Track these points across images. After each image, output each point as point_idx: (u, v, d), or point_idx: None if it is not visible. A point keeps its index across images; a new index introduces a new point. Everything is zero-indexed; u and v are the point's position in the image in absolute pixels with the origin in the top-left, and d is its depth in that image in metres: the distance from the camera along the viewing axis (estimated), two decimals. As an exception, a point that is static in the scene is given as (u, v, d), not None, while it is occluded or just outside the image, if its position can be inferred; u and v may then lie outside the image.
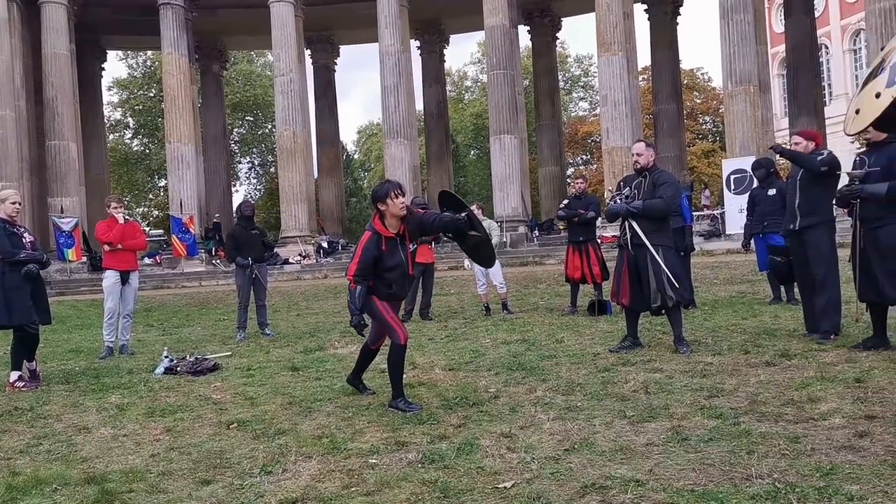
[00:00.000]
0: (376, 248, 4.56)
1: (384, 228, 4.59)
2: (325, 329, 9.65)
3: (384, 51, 22.87)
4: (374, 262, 4.57)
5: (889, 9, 16.89)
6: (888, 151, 4.89)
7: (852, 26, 39.12)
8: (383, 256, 4.58)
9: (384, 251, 4.57)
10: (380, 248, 4.56)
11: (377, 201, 4.61)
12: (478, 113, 49.43)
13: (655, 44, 26.68)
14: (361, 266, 4.55)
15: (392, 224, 4.60)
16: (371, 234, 4.60)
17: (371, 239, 4.58)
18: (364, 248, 4.57)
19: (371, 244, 4.57)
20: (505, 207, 21.40)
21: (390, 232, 4.60)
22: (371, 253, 4.56)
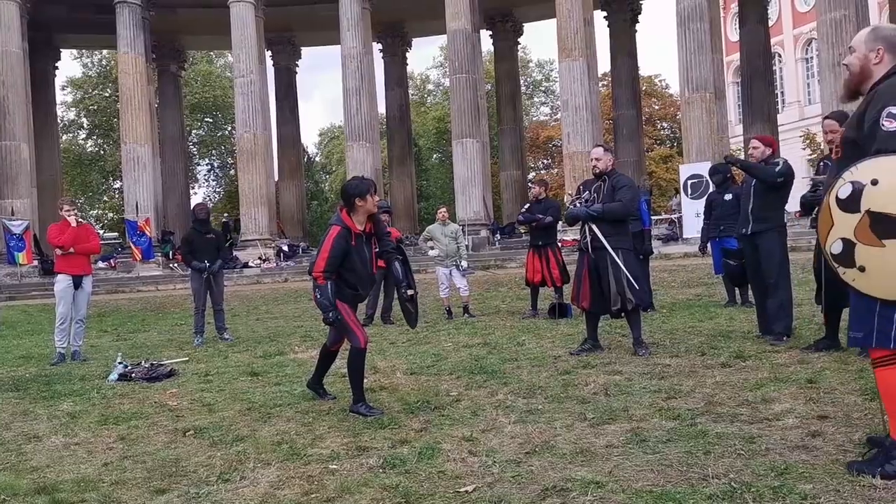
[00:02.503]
0: (346, 243, 4.44)
1: (353, 224, 4.50)
2: (286, 333, 9.54)
3: (346, 53, 22.76)
4: (342, 258, 4.45)
5: (839, 19, 17.40)
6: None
7: (804, 35, 40.20)
8: (351, 251, 4.46)
9: (353, 246, 4.48)
10: (349, 243, 4.46)
11: (355, 196, 4.48)
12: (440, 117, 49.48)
13: (615, 50, 27.06)
14: (331, 260, 4.42)
15: (360, 221, 4.53)
16: (340, 227, 4.47)
17: (340, 233, 4.46)
18: (333, 242, 4.43)
19: (341, 238, 4.45)
20: (467, 211, 21.45)
21: (358, 228, 4.51)
22: (340, 247, 4.43)
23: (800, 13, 39.89)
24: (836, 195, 2.64)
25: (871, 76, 2.78)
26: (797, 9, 39.93)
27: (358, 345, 4.52)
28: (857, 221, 2.59)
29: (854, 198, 2.59)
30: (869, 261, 2.59)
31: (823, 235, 2.70)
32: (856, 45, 2.86)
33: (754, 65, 24.19)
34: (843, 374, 4.41)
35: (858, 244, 2.60)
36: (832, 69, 17.52)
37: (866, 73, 2.80)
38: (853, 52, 2.85)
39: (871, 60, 2.77)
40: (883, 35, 2.79)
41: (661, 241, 18.59)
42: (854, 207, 2.59)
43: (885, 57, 2.75)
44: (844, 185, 2.62)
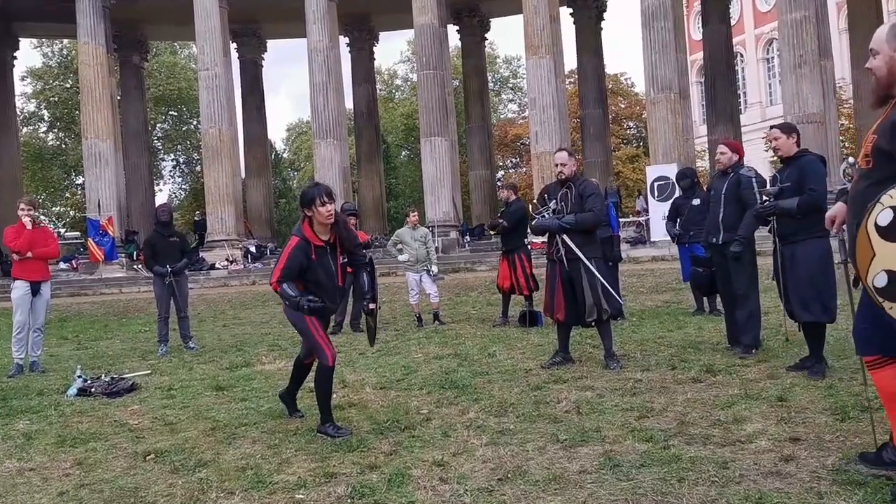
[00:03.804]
0: (304, 257, 4.26)
1: (314, 236, 4.30)
2: (253, 342, 9.36)
3: (313, 47, 22.46)
4: (299, 271, 4.28)
5: (800, 20, 17.64)
6: (799, 165, 5.02)
7: (766, 35, 40.84)
8: (312, 266, 4.28)
9: (314, 260, 4.28)
10: (309, 257, 4.26)
11: (303, 207, 4.32)
12: (408, 113, 49.21)
13: (581, 48, 27.14)
14: (286, 272, 4.26)
15: (322, 231, 4.32)
16: (299, 240, 4.29)
17: (298, 245, 4.27)
18: (290, 254, 4.26)
19: (298, 251, 4.26)
20: (436, 212, 21.35)
21: (320, 240, 4.31)
22: (297, 260, 4.25)
23: (761, 13, 40.50)
24: (876, 222, 2.40)
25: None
26: (758, 8, 40.54)
27: (325, 362, 4.39)
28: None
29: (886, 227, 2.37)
30: None
31: (864, 268, 2.46)
32: (877, 45, 2.66)
33: (717, 66, 24.46)
34: (813, 392, 4.43)
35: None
36: (793, 70, 17.78)
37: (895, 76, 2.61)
38: (876, 54, 2.64)
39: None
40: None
41: (629, 244, 18.71)
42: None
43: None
44: (885, 211, 2.38)
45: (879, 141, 2.64)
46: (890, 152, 2.59)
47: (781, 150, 5.11)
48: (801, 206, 4.83)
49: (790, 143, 5.08)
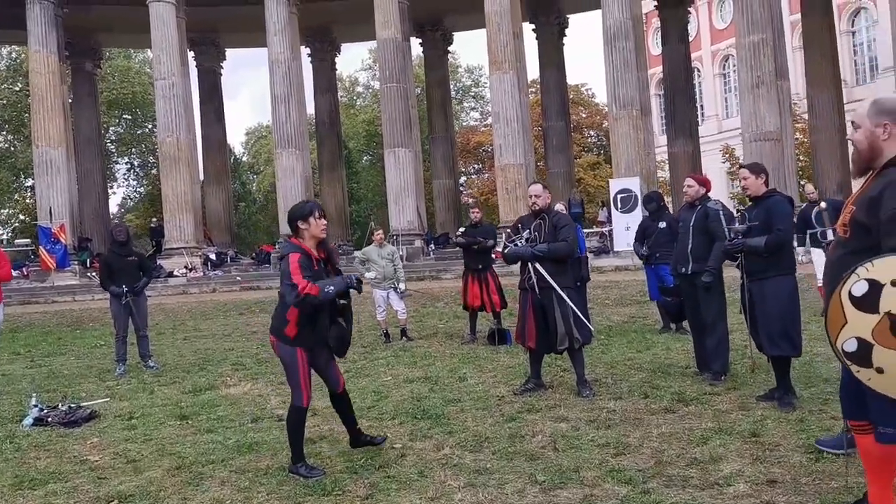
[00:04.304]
0: (308, 268, 4.09)
1: (310, 248, 4.20)
2: (216, 359, 9.16)
3: (274, 59, 22.22)
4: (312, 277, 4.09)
5: (758, 42, 18.08)
6: (767, 205, 5.13)
7: (722, 51, 41.81)
8: (314, 277, 4.11)
9: (315, 271, 4.15)
10: (311, 268, 4.12)
11: (297, 219, 4.22)
12: (370, 119, 49.14)
13: (544, 63, 27.42)
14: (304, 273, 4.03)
15: (312, 246, 4.23)
16: (299, 254, 4.10)
17: (301, 258, 4.07)
18: (298, 265, 4.03)
19: (304, 262, 4.06)
20: (401, 221, 21.29)
21: (316, 254, 4.22)
22: (308, 267, 4.08)
23: (717, 30, 41.46)
24: (850, 291, 2.48)
25: (882, 153, 2.67)
26: (715, 26, 41.48)
27: (299, 403, 4.30)
28: (875, 323, 2.44)
29: (871, 298, 2.44)
30: (888, 363, 2.45)
31: (834, 332, 2.53)
32: (859, 119, 2.73)
33: (676, 82, 24.94)
34: (785, 426, 4.48)
35: (876, 345, 2.45)
36: (751, 90, 18.20)
37: (876, 150, 2.68)
38: (857, 127, 2.72)
39: (880, 136, 2.65)
40: (887, 108, 2.66)
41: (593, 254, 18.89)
42: (872, 308, 2.44)
43: (894, 131, 2.63)
44: (859, 283, 2.45)
45: (857, 213, 2.72)
46: (866, 225, 2.67)
47: (750, 190, 5.23)
48: (768, 244, 4.95)
49: (759, 183, 5.20)
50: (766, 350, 5.06)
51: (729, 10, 40.95)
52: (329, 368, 4.47)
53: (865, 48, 35.27)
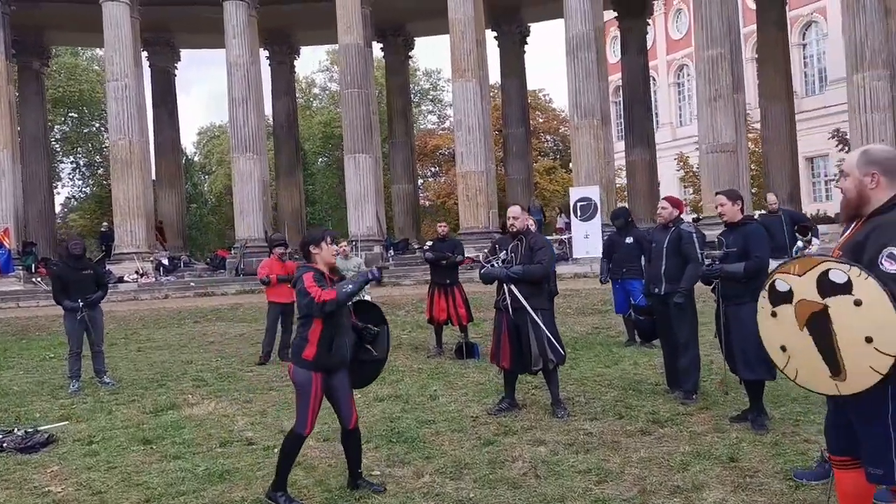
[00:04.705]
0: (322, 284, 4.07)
1: (325, 270, 4.18)
2: (175, 374, 8.90)
3: (232, 62, 21.80)
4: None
5: (716, 56, 18.47)
6: (744, 232, 5.22)
7: (677, 61, 42.71)
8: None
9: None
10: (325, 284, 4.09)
11: (310, 244, 4.21)
12: (326, 121, 48.74)
13: (505, 71, 27.57)
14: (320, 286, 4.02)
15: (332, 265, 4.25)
16: (312, 273, 4.09)
17: (315, 276, 4.07)
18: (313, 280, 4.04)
19: (318, 277, 4.07)
20: (360, 227, 21.10)
21: (330, 274, 4.21)
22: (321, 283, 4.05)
23: (673, 40, 42.32)
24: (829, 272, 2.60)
25: (870, 201, 2.73)
26: (671, 36, 42.35)
27: (301, 430, 4.18)
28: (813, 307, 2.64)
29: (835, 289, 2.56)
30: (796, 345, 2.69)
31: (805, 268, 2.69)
32: (848, 169, 2.80)
33: (635, 92, 25.33)
34: (761, 449, 4.54)
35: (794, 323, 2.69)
36: (709, 103, 18.58)
37: (864, 199, 2.75)
38: (846, 176, 2.79)
39: (868, 185, 2.72)
40: (875, 159, 2.74)
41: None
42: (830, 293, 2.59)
43: (881, 181, 2.70)
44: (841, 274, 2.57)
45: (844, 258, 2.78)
46: None
47: (727, 216, 5.31)
48: (747, 270, 5.02)
49: (735, 209, 5.28)
50: (740, 374, 5.13)
51: (685, 20, 41.90)
52: (344, 399, 4.30)
53: (815, 60, 36.40)
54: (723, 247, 5.23)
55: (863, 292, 2.47)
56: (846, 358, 2.56)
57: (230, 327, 14.12)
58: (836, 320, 2.56)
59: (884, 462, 2.66)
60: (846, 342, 2.55)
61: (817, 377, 2.66)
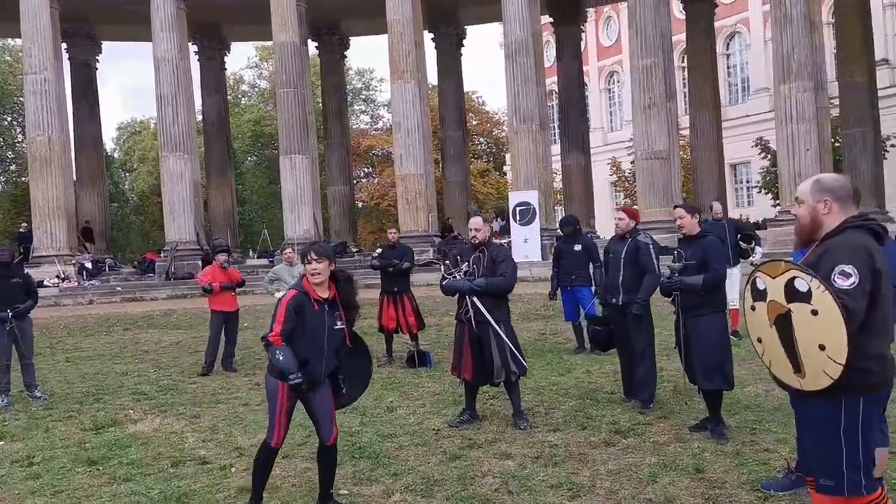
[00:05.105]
0: (300, 307, 3.94)
1: (312, 289, 4.00)
2: (111, 387, 8.50)
3: (160, 56, 21.04)
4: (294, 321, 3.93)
5: (650, 66, 18.98)
6: (702, 245, 5.34)
7: (608, 67, 43.73)
8: (305, 322, 3.95)
9: (315, 311, 3.96)
10: (302, 311, 3.95)
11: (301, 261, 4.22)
12: (256, 119, 47.83)
13: (442, 72, 27.61)
14: (285, 325, 3.92)
15: (319, 287, 4.01)
16: (296, 292, 4.00)
17: (294, 297, 3.97)
18: (286, 305, 3.94)
19: (294, 301, 3.95)
20: (296, 230, 20.73)
21: (318, 294, 4.00)
22: (292, 310, 3.93)
23: (604, 47, 43.32)
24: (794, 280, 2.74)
25: (822, 226, 2.88)
26: (602, 43, 43.33)
27: (269, 440, 4.12)
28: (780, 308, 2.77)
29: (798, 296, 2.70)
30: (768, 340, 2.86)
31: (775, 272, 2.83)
32: (802, 196, 2.95)
33: (570, 98, 25.79)
34: (724, 459, 4.65)
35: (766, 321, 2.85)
36: (643, 111, 19.07)
37: (818, 224, 2.90)
38: (801, 203, 2.94)
39: (821, 211, 2.87)
40: (828, 187, 2.89)
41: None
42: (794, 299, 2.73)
43: (833, 207, 2.85)
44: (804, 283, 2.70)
45: None
46: None
47: (686, 229, 5.43)
48: (706, 283, 5.15)
49: (693, 222, 5.41)
50: (700, 384, 5.25)
51: (615, 28, 42.92)
52: (322, 414, 4.19)
53: (739, 70, 37.87)
54: (682, 259, 5.34)
55: (819, 303, 2.64)
56: (805, 360, 2.74)
57: (164, 335, 13.63)
58: (797, 325, 2.74)
59: (836, 474, 2.78)
60: (804, 346, 2.72)
61: (784, 371, 2.84)
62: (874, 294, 2.68)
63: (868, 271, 2.67)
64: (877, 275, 2.69)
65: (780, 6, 17.62)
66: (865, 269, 2.66)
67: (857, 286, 2.63)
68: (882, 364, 2.76)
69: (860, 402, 2.72)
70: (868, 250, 2.71)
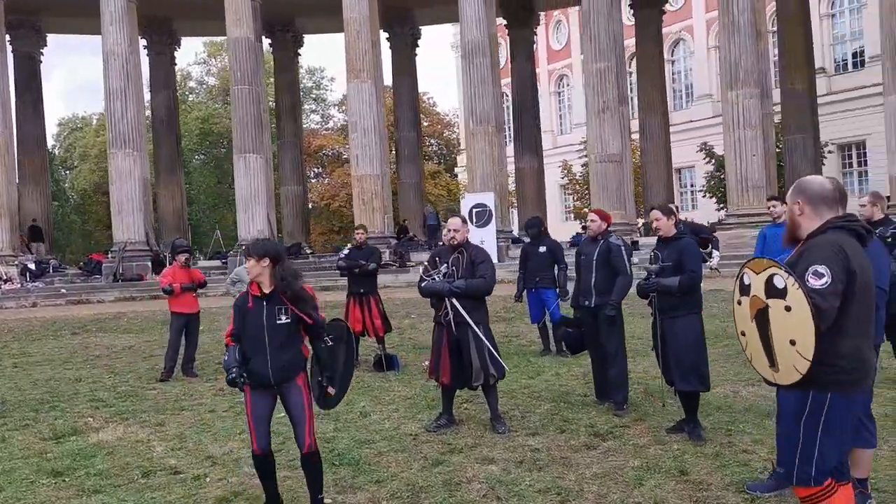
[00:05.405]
0: (243, 305, 4.04)
1: (256, 286, 4.04)
2: (66, 394, 8.19)
3: (109, 50, 20.43)
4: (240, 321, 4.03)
5: (604, 70, 19.28)
6: (678, 246, 5.42)
7: (557, 71, 44.28)
8: (245, 318, 4.00)
9: (250, 308, 4.00)
10: (244, 308, 4.03)
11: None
12: (204, 117, 46.90)
13: (397, 73, 27.53)
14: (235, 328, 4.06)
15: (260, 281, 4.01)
16: (243, 294, 4.16)
17: (240, 297, 4.15)
18: (233, 306, 4.14)
19: (238, 302, 4.10)
20: (250, 230, 20.37)
21: (258, 290, 4.01)
22: (237, 309, 4.06)
23: (554, 51, 43.85)
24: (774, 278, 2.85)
25: (800, 227, 2.99)
26: (552, 46, 43.84)
27: (252, 447, 4.13)
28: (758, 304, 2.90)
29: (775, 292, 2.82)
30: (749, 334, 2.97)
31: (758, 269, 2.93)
32: (787, 197, 3.08)
33: (523, 100, 26.03)
34: (705, 461, 4.73)
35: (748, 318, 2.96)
36: (597, 115, 19.37)
37: (795, 224, 3.01)
38: (784, 203, 3.04)
39: (796, 212, 2.98)
40: (801, 188, 3.00)
41: (448, 267, 19.19)
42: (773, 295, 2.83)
43: (805, 209, 2.95)
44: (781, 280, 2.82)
45: None
46: None
47: (662, 231, 5.50)
48: (682, 284, 5.23)
49: (669, 224, 5.48)
50: (676, 385, 5.34)
51: (564, 32, 43.47)
52: (295, 420, 4.14)
53: (683, 76, 38.81)
54: (658, 261, 5.42)
55: (793, 300, 2.75)
56: (778, 354, 2.84)
57: (115, 339, 13.23)
58: (773, 320, 2.85)
59: (789, 462, 2.89)
60: (778, 341, 2.83)
61: (762, 365, 2.94)
62: (847, 294, 2.76)
63: (842, 271, 2.74)
64: (851, 275, 2.76)
65: (728, 14, 18.11)
66: (839, 269, 2.74)
67: (829, 286, 2.71)
68: (855, 364, 2.82)
69: (827, 398, 2.80)
70: (843, 251, 2.78)
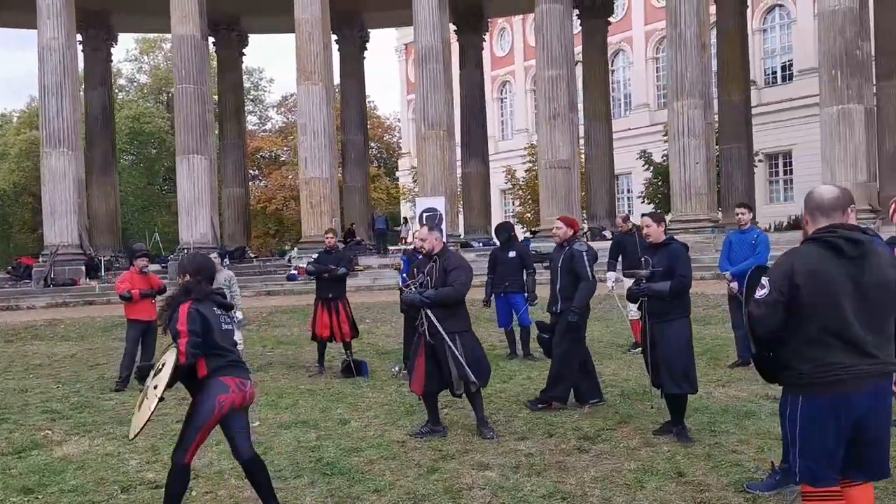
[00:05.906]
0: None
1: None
2: (15, 405, 7.77)
3: (45, 44, 19.55)
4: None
5: (555, 77, 19.58)
6: (668, 252, 5.53)
7: (500, 77, 44.74)
8: None
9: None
10: None
11: None
12: (135, 116, 45.51)
13: (345, 75, 27.29)
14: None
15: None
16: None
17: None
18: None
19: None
20: (193, 234, 19.79)
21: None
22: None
23: (497, 57, 44.26)
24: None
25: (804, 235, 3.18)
26: (495, 53, 44.21)
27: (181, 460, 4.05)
28: None
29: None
30: None
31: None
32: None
33: (472, 106, 26.19)
34: (698, 462, 4.82)
35: None
36: (548, 121, 19.65)
37: (805, 234, 3.17)
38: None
39: (804, 222, 3.17)
40: (805, 198, 3.16)
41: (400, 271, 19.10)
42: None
43: (807, 218, 3.12)
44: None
45: None
46: None
47: (652, 237, 5.61)
48: (672, 289, 5.33)
49: (659, 230, 5.60)
50: (666, 388, 5.43)
51: (508, 39, 43.94)
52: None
53: (622, 86, 39.78)
54: (649, 266, 5.51)
55: None
56: None
57: (54, 347, 12.67)
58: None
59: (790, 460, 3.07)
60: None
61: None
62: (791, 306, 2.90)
63: (784, 283, 2.90)
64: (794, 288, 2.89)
65: (675, 27, 18.65)
66: (782, 281, 2.91)
67: (767, 296, 2.92)
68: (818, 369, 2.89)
69: (799, 400, 2.95)
70: (791, 264, 2.94)
